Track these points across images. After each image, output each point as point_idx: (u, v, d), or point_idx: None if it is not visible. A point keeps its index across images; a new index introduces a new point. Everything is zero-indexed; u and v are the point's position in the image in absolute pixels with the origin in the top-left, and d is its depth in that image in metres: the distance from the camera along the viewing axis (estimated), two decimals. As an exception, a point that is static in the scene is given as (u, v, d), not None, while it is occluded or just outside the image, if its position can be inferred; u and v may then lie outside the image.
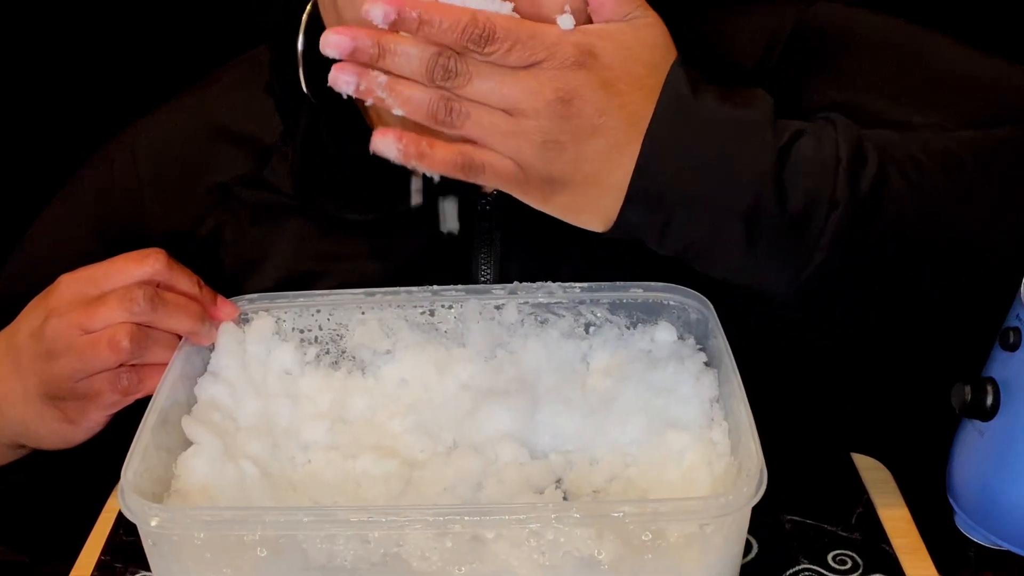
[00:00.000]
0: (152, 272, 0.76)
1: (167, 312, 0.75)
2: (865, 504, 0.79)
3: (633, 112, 0.68)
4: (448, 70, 0.66)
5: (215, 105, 0.91)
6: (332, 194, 0.86)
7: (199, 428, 0.73)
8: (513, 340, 0.79)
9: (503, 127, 0.66)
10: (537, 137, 0.66)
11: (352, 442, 0.75)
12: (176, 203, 0.89)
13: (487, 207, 0.85)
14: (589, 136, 0.67)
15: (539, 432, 0.75)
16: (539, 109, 0.66)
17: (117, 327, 0.74)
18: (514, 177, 0.68)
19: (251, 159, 0.88)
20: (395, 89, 0.66)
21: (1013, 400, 0.72)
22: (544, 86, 0.66)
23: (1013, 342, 0.72)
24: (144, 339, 0.75)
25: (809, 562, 0.75)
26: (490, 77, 0.66)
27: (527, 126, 0.66)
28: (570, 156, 0.67)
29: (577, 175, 0.68)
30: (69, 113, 1.31)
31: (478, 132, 0.66)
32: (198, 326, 0.76)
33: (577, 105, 0.66)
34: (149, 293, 0.74)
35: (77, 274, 0.77)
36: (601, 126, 0.67)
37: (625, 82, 0.68)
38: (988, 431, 0.74)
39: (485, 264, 0.85)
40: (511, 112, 0.66)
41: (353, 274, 0.86)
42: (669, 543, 0.63)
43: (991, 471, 0.74)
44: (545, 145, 0.67)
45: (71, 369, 0.75)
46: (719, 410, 0.73)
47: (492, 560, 0.64)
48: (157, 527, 0.63)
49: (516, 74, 0.66)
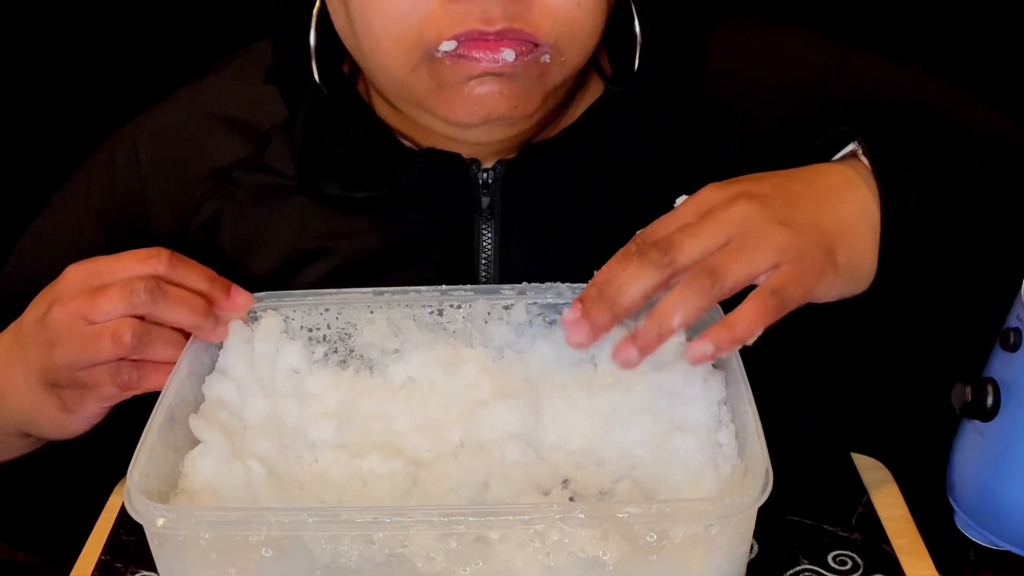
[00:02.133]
0: (156, 266, 0.76)
1: (168, 305, 0.75)
2: (865, 504, 0.80)
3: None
4: (663, 262, 0.69)
5: (213, 95, 0.92)
6: (336, 174, 0.87)
7: (206, 427, 0.72)
8: (521, 340, 0.79)
9: (750, 246, 0.69)
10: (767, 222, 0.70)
11: (359, 441, 0.75)
12: (177, 189, 0.90)
13: (488, 180, 0.85)
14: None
15: (546, 432, 0.75)
16: (741, 208, 0.70)
17: (121, 321, 0.74)
18: (802, 269, 0.70)
19: (250, 144, 0.89)
20: (664, 313, 0.69)
21: (1013, 400, 0.72)
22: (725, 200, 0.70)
23: (1013, 342, 0.72)
24: (147, 335, 0.75)
25: (809, 562, 0.75)
26: (687, 244, 0.69)
27: (752, 230, 0.69)
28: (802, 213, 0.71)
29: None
30: (69, 112, 1.31)
31: (740, 268, 0.68)
32: (201, 320, 0.76)
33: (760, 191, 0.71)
34: (150, 285, 0.74)
35: (83, 264, 0.78)
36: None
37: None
38: (988, 431, 0.74)
39: (487, 239, 0.86)
40: (729, 240, 0.69)
41: (355, 251, 0.87)
42: (674, 544, 0.63)
43: (991, 471, 0.74)
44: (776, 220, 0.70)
45: (71, 358, 0.75)
46: (726, 412, 0.73)
47: (497, 561, 0.64)
48: (163, 527, 0.63)
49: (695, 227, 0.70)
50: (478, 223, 0.86)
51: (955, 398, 0.74)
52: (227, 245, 0.89)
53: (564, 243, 0.86)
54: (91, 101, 1.28)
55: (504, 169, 0.85)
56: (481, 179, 0.86)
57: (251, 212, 0.89)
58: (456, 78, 0.76)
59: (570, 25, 0.76)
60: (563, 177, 0.86)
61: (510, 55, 0.75)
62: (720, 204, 0.70)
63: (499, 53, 0.74)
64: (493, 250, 0.86)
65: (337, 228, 0.87)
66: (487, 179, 0.86)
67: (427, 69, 0.76)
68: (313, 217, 0.88)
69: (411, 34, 0.75)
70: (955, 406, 0.75)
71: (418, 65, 0.76)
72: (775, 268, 0.69)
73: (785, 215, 0.70)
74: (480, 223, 0.86)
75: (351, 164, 0.87)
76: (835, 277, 0.71)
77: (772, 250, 0.69)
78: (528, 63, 0.76)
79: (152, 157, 0.90)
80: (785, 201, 0.72)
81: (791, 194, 0.72)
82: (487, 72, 0.75)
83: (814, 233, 0.71)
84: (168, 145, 0.91)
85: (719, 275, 0.68)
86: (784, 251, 0.69)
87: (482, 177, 0.86)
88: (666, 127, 0.87)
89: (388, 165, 0.86)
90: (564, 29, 0.76)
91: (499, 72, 0.75)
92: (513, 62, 0.75)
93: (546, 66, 0.77)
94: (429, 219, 0.87)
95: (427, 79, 0.77)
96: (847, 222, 0.73)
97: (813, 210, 0.72)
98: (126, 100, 0.96)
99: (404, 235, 0.87)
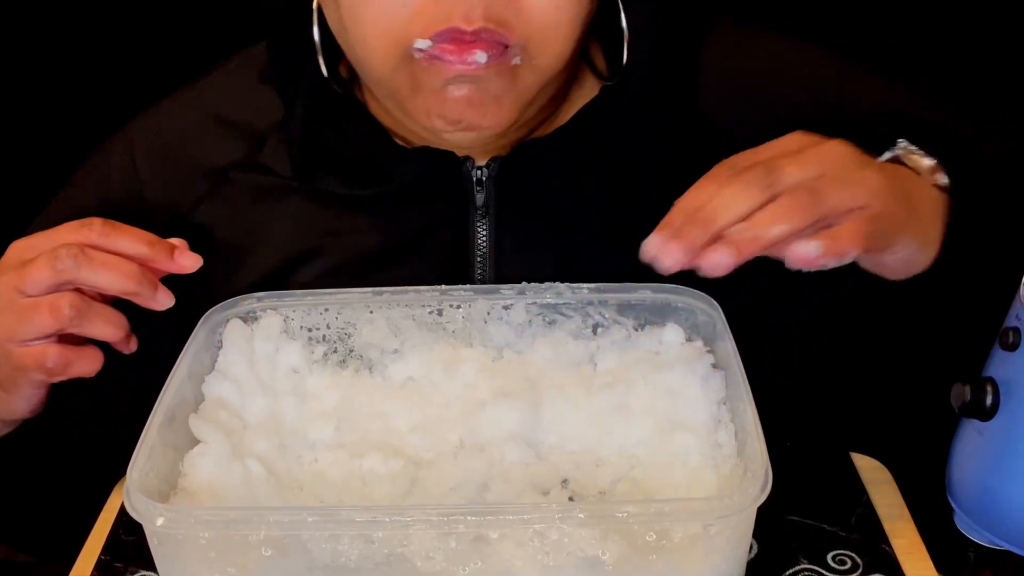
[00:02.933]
0: (88, 235, 0.76)
1: (93, 270, 0.74)
2: (865, 504, 0.80)
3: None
4: (766, 181, 0.68)
5: (210, 96, 0.93)
6: (333, 170, 0.87)
7: (206, 426, 0.72)
8: (521, 340, 0.79)
9: (847, 179, 0.69)
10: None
11: (358, 441, 0.75)
12: (174, 189, 0.90)
13: (482, 177, 0.86)
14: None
15: (545, 432, 0.75)
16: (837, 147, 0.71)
17: (60, 295, 0.74)
18: (893, 212, 0.71)
19: (247, 145, 0.90)
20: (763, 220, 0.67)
21: (1012, 400, 0.72)
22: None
23: (1013, 342, 0.72)
24: (87, 309, 0.75)
25: (809, 562, 0.75)
26: (790, 167, 0.69)
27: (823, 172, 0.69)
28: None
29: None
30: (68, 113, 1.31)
31: (838, 196, 0.68)
32: (134, 285, 0.75)
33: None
34: (74, 251, 0.74)
35: (23, 239, 0.78)
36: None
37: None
38: (987, 431, 0.74)
39: (481, 236, 0.86)
40: (825, 173, 0.69)
41: (351, 249, 0.87)
42: (673, 544, 0.63)
43: (990, 471, 0.74)
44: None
45: (7, 330, 0.75)
46: (726, 412, 0.73)
47: (496, 560, 0.64)
48: (162, 526, 0.63)
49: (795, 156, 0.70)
50: (473, 220, 0.86)
51: (954, 398, 0.75)
52: (225, 245, 0.89)
53: (560, 240, 0.86)
54: (90, 102, 1.28)
55: (497, 166, 0.86)
56: (475, 176, 0.86)
57: (248, 212, 0.89)
58: (431, 81, 0.77)
59: (544, 29, 0.77)
60: (557, 174, 0.86)
61: (482, 57, 0.75)
62: (815, 143, 0.71)
63: (471, 55, 0.75)
64: (488, 247, 0.86)
65: (333, 227, 0.88)
66: (481, 176, 0.86)
67: (407, 69, 0.77)
68: (310, 216, 0.88)
69: (395, 30, 0.76)
70: (954, 406, 0.75)
71: (398, 64, 0.77)
72: (866, 208, 0.69)
73: (875, 166, 0.72)
74: (475, 220, 0.86)
75: (348, 161, 0.88)
76: (912, 236, 0.74)
77: (867, 188, 0.69)
78: (499, 67, 0.76)
79: (149, 159, 0.91)
80: (871, 160, 0.73)
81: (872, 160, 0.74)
82: (461, 75, 0.76)
83: (901, 190, 0.73)
84: (165, 147, 0.91)
85: (820, 196, 0.67)
86: (877, 193, 0.70)
87: (476, 174, 0.86)
88: (665, 127, 0.87)
89: (384, 162, 0.87)
90: (538, 32, 0.77)
91: (472, 76, 0.76)
92: (485, 64, 0.76)
93: (516, 69, 0.78)
94: (424, 217, 0.87)
95: (406, 79, 0.78)
96: (920, 198, 0.76)
97: (894, 172, 0.74)
98: (125, 101, 0.96)
99: (400, 233, 0.87)
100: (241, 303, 0.79)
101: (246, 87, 0.91)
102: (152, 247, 0.77)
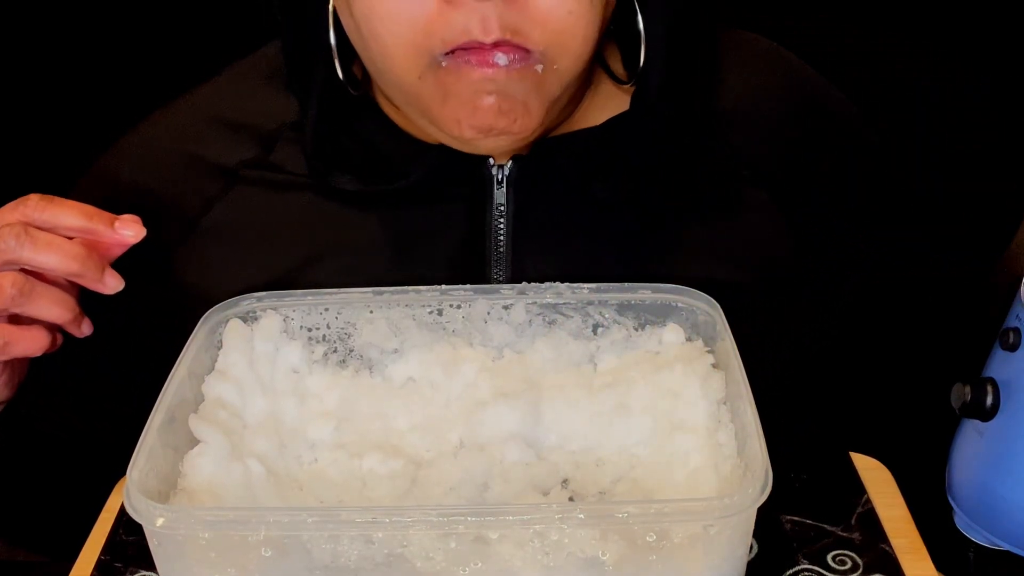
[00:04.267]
0: (25, 212, 0.75)
1: (36, 249, 0.74)
2: (865, 504, 0.80)
3: None
4: None
5: (216, 98, 0.93)
6: (348, 168, 0.87)
7: (206, 426, 0.72)
8: (521, 340, 0.79)
9: None
10: None
11: (358, 441, 0.75)
12: (185, 192, 0.90)
13: (500, 177, 0.86)
14: None
15: (546, 433, 0.75)
16: None
17: (4, 274, 0.74)
18: None
19: (256, 145, 0.89)
20: None
21: (1013, 400, 0.72)
22: None
23: (1013, 342, 0.72)
24: (32, 289, 0.75)
25: (809, 562, 0.75)
26: None
27: None
28: None
29: None
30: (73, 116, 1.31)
31: None
32: (76, 266, 0.75)
33: None
34: (15, 231, 0.74)
35: None
36: None
37: None
38: (987, 431, 0.74)
39: (500, 235, 0.86)
40: None
41: (367, 248, 0.87)
42: (673, 544, 0.63)
43: (990, 471, 0.74)
44: None
45: None
46: (726, 412, 0.73)
47: (496, 561, 0.64)
48: (162, 527, 0.63)
49: None
50: (491, 219, 0.86)
51: (954, 398, 0.75)
52: (238, 244, 0.89)
53: (577, 241, 0.86)
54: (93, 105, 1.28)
55: (517, 166, 0.86)
56: (496, 176, 0.86)
57: (262, 210, 0.89)
58: (459, 87, 0.77)
59: (561, 34, 0.77)
60: (578, 176, 0.86)
61: (503, 59, 0.76)
62: None
63: (492, 56, 0.75)
64: (506, 246, 0.86)
65: (348, 225, 0.87)
66: (500, 176, 0.86)
67: (433, 77, 0.77)
68: (324, 214, 0.88)
69: (417, 42, 0.76)
70: (954, 406, 0.75)
71: (425, 72, 0.77)
72: None
73: None
74: (493, 218, 0.86)
75: (362, 158, 0.87)
76: None
77: None
78: (522, 72, 0.77)
79: (156, 164, 0.90)
80: None
81: None
82: (486, 77, 0.76)
83: None
84: (171, 151, 0.91)
85: None
86: None
87: (496, 173, 0.86)
88: (682, 130, 0.87)
89: (399, 159, 0.86)
90: (555, 38, 0.77)
91: (500, 81, 0.76)
92: (507, 66, 0.76)
93: (541, 76, 0.78)
94: (441, 215, 0.87)
95: (435, 88, 0.78)
96: None
97: None
98: (130, 104, 0.96)
99: (416, 232, 0.87)
100: (241, 303, 0.79)
101: (248, 92, 0.91)
102: (91, 219, 0.76)
